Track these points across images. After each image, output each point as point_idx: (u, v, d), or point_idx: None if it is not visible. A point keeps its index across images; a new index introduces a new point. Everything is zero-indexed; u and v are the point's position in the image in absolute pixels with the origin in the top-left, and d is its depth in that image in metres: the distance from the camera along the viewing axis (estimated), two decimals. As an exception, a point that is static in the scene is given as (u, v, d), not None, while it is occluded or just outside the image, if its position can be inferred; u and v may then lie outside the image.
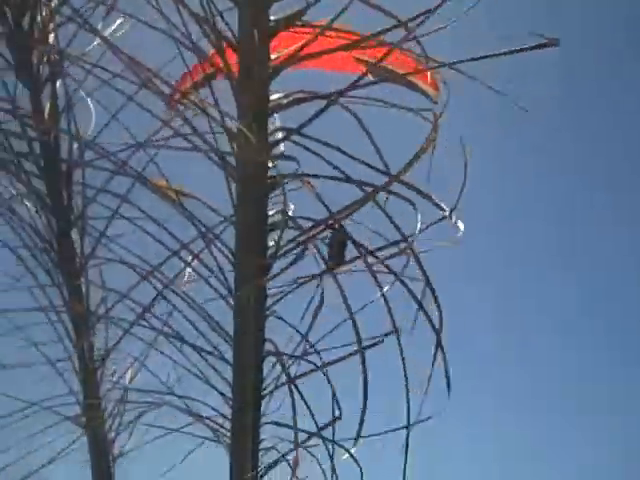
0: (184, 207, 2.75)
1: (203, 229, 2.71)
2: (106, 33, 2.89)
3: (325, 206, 2.63)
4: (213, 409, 2.84)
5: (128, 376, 3.18)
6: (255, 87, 2.42)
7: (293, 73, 2.53)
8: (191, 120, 2.57)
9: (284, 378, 2.69)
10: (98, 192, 3.09)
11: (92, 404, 3.11)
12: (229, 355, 2.73)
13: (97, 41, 2.89)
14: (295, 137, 2.59)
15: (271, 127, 2.55)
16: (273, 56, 2.47)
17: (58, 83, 3.14)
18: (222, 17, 2.42)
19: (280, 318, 2.74)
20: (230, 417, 2.71)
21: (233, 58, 2.47)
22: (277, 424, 2.68)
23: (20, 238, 3.15)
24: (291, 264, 2.66)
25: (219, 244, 2.69)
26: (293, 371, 2.70)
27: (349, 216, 2.59)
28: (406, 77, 2.58)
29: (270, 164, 2.55)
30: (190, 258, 2.80)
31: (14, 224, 3.15)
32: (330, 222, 2.61)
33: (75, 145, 3.13)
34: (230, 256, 2.65)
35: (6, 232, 3.16)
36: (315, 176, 2.61)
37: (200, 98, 2.54)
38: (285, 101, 2.52)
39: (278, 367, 2.68)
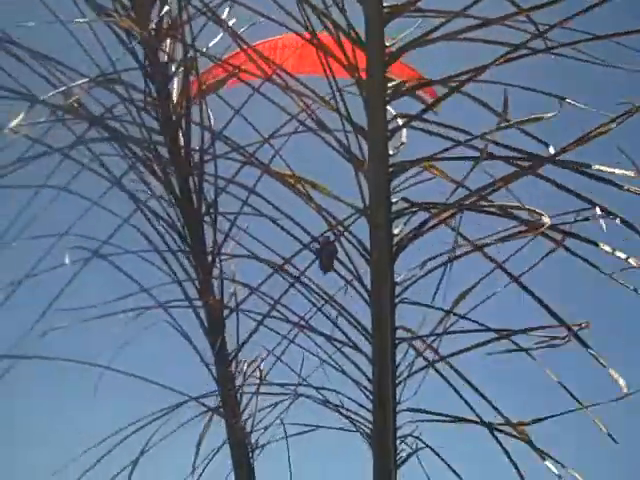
0: (312, 199, 2.83)
1: (333, 221, 2.79)
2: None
3: (461, 186, 2.68)
4: (352, 400, 2.94)
5: (263, 368, 3.26)
6: (379, 75, 2.46)
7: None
8: (317, 113, 2.66)
9: (414, 366, 2.80)
10: (228, 183, 3.17)
11: (228, 396, 3.19)
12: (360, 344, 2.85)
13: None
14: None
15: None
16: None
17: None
18: (342, 11, 2.48)
19: (416, 303, 2.82)
20: (367, 407, 2.84)
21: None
22: (420, 411, 2.77)
23: (157, 232, 3.24)
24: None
25: (349, 236, 2.77)
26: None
27: (486, 197, 2.61)
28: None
29: (391, 151, 2.61)
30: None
31: (151, 219, 3.23)
32: (462, 204, 2.64)
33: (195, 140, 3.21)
34: (360, 248, 2.72)
35: (143, 225, 3.24)
36: (440, 158, 2.66)
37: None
38: (405, 87, 2.57)
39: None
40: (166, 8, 3.09)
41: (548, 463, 2.55)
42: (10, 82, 2.85)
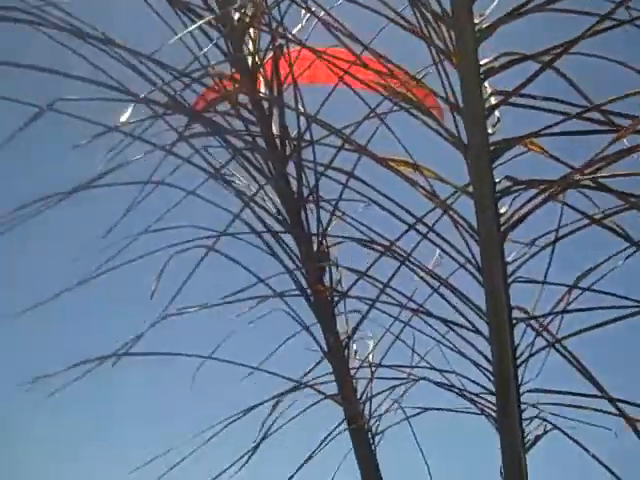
0: (411, 180, 2.80)
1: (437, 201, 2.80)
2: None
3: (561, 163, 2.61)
4: (473, 382, 2.94)
5: (376, 353, 3.27)
6: (471, 53, 2.41)
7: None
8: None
9: (534, 347, 2.77)
10: (327, 167, 3.16)
11: (345, 381, 3.20)
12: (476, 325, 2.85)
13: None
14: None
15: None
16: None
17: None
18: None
19: (531, 281, 2.79)
20: (491, 390, 2.82)
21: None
22: (547, 391, 2.74)
23: (262, 222, 3.27)
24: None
25: (455, 216, 2.72)
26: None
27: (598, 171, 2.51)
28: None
29: (490, 130, 2.56)
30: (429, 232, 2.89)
31: (254, 209, 3.25)
32: (572, 179, 2.56)
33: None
34: (468, 228, 2.70)
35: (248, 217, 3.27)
36: (546, 134, 2.59)
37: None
38: (497, 64, 2.50)
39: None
40: None
41: None
42: (108, 80, 2.87)
